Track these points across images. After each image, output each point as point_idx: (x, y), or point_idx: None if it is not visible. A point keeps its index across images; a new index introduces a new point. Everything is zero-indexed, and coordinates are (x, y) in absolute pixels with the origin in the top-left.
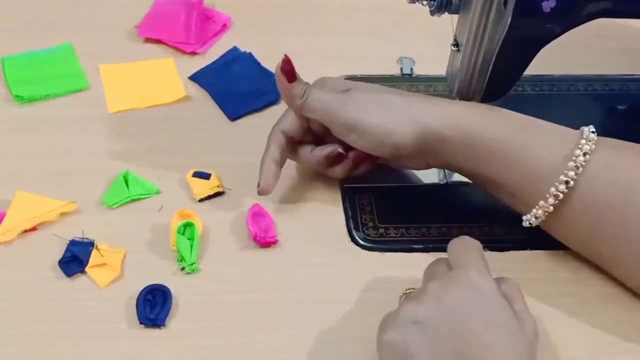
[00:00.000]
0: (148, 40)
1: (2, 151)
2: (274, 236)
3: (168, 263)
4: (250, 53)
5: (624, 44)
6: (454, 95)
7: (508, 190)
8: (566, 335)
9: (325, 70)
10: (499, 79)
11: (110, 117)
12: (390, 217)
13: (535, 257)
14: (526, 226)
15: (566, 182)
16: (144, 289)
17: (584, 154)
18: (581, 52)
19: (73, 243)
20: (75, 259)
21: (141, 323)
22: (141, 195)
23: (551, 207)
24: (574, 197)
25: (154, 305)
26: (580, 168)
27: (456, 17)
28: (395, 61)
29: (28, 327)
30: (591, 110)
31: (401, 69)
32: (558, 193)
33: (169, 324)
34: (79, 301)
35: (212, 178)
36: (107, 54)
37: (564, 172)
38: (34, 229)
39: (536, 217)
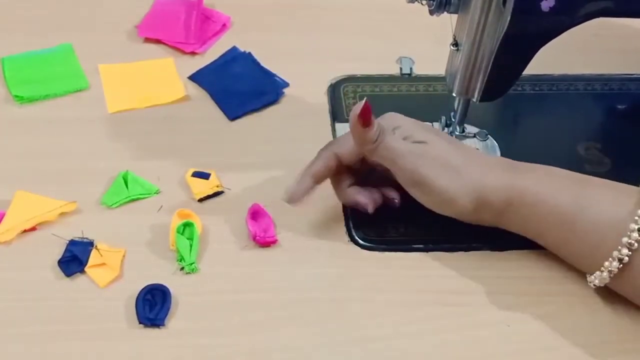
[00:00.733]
0: (148, 40)
1: (2, 151)
2: (274, 236)
3: (167, 263)
4: (249, 53)
5: (624, 44)
6: (454, 95)
7: (572, 253)
8: (566, 335)
9: (325, 70)
10: (498, 79)
11: (109, 117)
12: (390, 217)
13: (535, 257)
14: (592, 287)
15: (629, 245)
16: (144, 289)
17: None
18: (581, 52)
19: (72, 243)
20: (74, 259)
21: (141, 323)
22: (141, 195)
23: (616, 269)
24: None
25: (154, 305)
26: None
27: (455, 17)
28: (394, 61)
29: (28, 327)
30: (591, 109)
31: (400, 69)
32: (622, 256)
33: (169, 324)
34: (79, 301)
35: (212, 178)
36: (107, 54)
37: (628, 234)
38: (34, 229)
39: (601, 279)
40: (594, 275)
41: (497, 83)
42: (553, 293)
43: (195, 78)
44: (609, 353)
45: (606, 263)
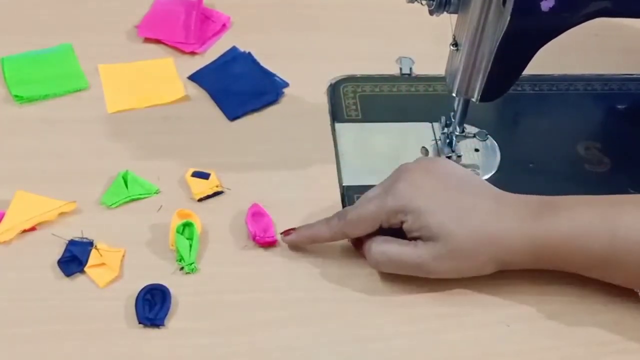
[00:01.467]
0: (147, 40)
1: (2, 151)
2: (273, 236)
3: (167, 263)
4: (249, 53)
5: (624, 44)
6: (454, 95)
7: (621, 282)
8: (566, 335)
9: (325, 70)
10: (498, 79)
11: (109, 117)
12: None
13: None
14: None
15: None
16: (143, 289)
17: None
18: (581, 52)
19: (72, 243)
20: (74, 259)
21: (140, 323)
22: (140, 195)
23: None
24: None
25: (153, 305)
26: None
27: (455, 17)
28: (394, 61)
29: (27, 327)
30: (590, 109)
31: (400, 69)
32: None
33: (168, 324)
34: (78, 301)
35: (212, 178)
36: (107, 54)
37: None
38: (33, 229)
39: None
40: None
41: (497, 83)
42: (553, 293)
43: (195, 78)
44: (609, 353)
45: None
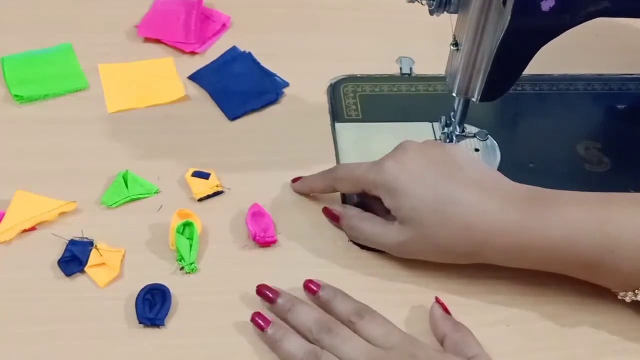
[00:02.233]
0: (148, 40)
1: (2, 151)
2: (274, 236)
3: (167, 263)
4: (249, 53)
5: (624, 44)
6: (454, 95)
7: (603, 283)
8: (566, 335)
9: (325, 70)
10: (499, 79)
11: (109, 117)
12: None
13: None
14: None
15: None
16: (144, 289)
17: None
18: (581, 52)
19: (72, 243)
20: (74, 259)
21: (141, 323)
22: (141, 195)
23: None
24: None
25: (154, 305)
26: None
27: (455, 17)
28: (394, 61)
29: (28, 327)
30: (591, 109)
31: (401, 69)
32: None
33: (169, 324)
34: (79, 301)
35: (212, 178)
36: (107, 54)
37: None
38: (34, 229)
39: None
40: (629, 293)
41: (498, 83)
42: (553, 293)
43: (195, 78)
44: (609, 353)
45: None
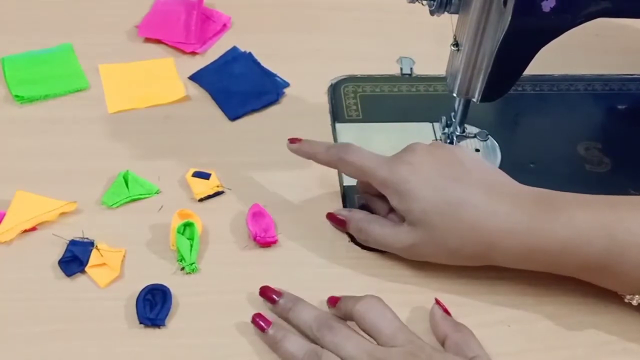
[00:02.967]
0: (148, 40)
1: (2, 151)
2: (274, 236)
3: (168, 263)
4: (250, 53)
5: (624, 44)
6: (454, 95)
7: (608, 286)
8: (566, 335)
9: (325, 70)
10: (499, 79)
11: (110, 117)
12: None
13: None
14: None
15: None
16: (144, 289)
17: None
18: (581, 52)
19: (73, 243)
20: (75, 259)
21: (141, 323)
22: (141, 195)
23: None
24: None
25: (154, 305)
26: None
27: (456, 17)
28: (394, 61)
29: (28, 327)
30: (591, 109)
31: (401, 69)
32: None
33: (169, 324)
34: (79, 301)
35: (212, 178)
36: (107, 54)
37: None
38: (34, 229)
39: None
40: (635, 296)
41: (498, 83)
42: (553, 293)
43: (195, 78)
44: (609, 353)
45: None
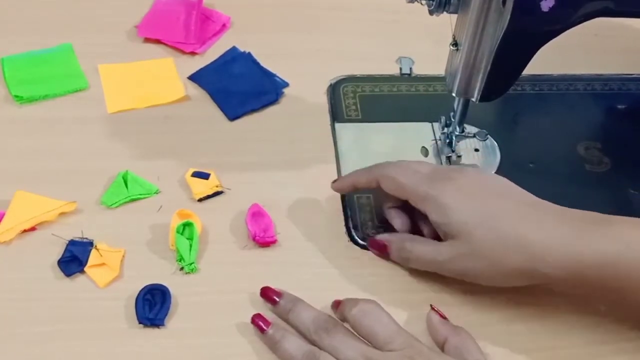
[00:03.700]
0: (147, 40)
1: (2, 151)
2: (273, 236)
3: (167, 263)
4: (249, 53)
5: (624, 44)
6: (454, 95)
7: None
8: (566, 335)
9: (325, 70)
10: (498, 78)
11: (109, 117)
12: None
13: None
14: None
15: None
16: (143, 289)
17: None
18: (581, 52)
19: (72, 243)
20: (74, 259)
21: (140, 323)
22: (140, 195)
23: None
24: None
25: (153, 305)
26: None
27: (455, 17)
28: (394, 61)
29: (27, 327)
30: (590, 109)
31: (400, 69)
32: None
33: (168, 324)
34: (78, 301)
35: (212, 178)
36: (107, 54)
37: None
38: (33, 229)
39: None
40: None
41: (497, 83)
42: (553, 293)
43: (195, 78)
44: (609, 353)
45: None
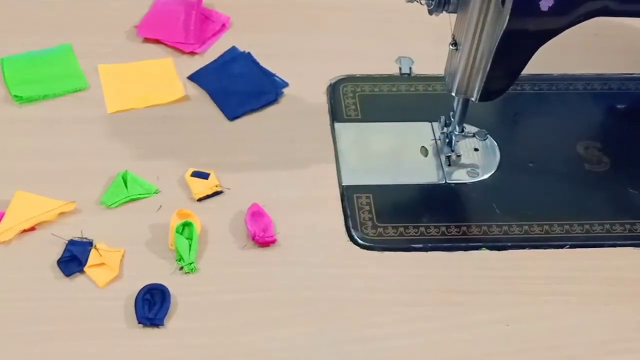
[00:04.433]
0: (147, 40)
1: (1, 151)
2: (273, 235)
3: (167, 263)
4: (249, 53)
5: (624, 44)
6: (453, 94)
7: None
8: (566, 335)
9: (324, 70)
10: (498, 78)
11: (109, 117)
12: (388, 217)
13: (533, 256)
14: None
15: None
16: (143, 289)
17: None
18: (580, 52)
19: (72, 243)
20: (74, 259)
21: (140, 322)
22: (140, 195)
23: None
24: None
25: (153, 304)
26: None
27: (454, 16)
28: (394, 61)
29: (27, 327)
30: (590, 109)
31: (400, 69)
32: None
33: (168, 324)
34: (78, 301)
35: (211, 178)
36: (107, 54)
37: None
38: (33, 229)
39: None
40: None
41: (497, 82)
42: (553, 293)
43: (194, 78)
44: (609, 353)
45: None
